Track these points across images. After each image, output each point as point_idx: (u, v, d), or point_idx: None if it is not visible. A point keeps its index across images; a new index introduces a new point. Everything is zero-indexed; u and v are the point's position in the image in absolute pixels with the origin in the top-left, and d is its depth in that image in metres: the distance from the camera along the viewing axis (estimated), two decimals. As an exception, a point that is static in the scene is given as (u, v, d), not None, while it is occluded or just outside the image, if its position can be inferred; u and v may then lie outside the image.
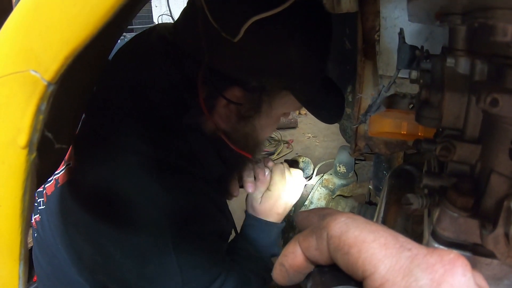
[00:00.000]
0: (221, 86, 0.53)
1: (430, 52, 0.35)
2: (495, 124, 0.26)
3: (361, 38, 0.56)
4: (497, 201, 0.26)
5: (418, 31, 0.50)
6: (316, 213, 0.25)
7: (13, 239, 0.27)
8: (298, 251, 0.22)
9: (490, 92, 0.24)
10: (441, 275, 0.16)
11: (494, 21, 0.25)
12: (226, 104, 0.54)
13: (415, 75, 0.34)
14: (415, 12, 0.38)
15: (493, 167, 0.27)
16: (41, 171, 0.30)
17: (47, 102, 0.26)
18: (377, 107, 0.49)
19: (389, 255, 0.18)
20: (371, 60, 0.59)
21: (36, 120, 0.25)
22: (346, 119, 0.71)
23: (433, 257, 0.17)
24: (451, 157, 0.28)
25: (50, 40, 0.24)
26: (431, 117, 0.30)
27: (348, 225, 0.19)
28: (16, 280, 0.27)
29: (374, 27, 0.55)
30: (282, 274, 0.23)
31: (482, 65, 0.28)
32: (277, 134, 3.16)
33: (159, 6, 3.33)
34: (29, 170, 0.26)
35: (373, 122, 0.55)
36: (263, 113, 0.57)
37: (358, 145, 0.63)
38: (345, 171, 0.90)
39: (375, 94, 0.56)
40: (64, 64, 0.25)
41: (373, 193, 0.86)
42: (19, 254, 0.28)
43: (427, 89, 0.31)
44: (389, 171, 0.65)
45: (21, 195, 0.27)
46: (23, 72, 0.24)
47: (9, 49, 0.25)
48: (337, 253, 0.19)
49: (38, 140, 0.26)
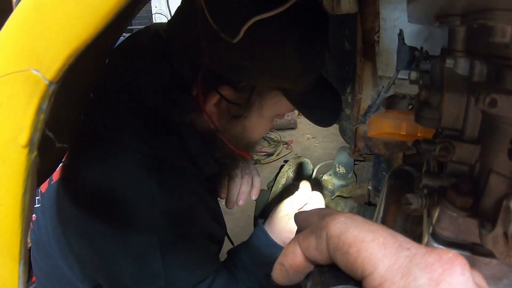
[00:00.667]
0: (212, 83, 0.52)
1: (430, 53, 0.35)
2: (494, 124, 0.26)
3: (361, 39, 0.57)
4: (496, 200, 0.26)
5: (418, 32, 0.50)
6: (316, 213, 0.25)
7: (13, 239, 0.27)
8: (298, 251, 0.22)
9: (489, 92, 0.24)
10: (440, 274, 0.17)
11: (493, 22, 0.25)
12: (217, 103, 0.54)
13: (414, 75, 0.34)
14: (415, 13, 0.38)
15: (492, 167, 0.27)
16: (41, 170, 0.30)
17: (48, 101, 0.26)
18: (377, 107, 0.49)
19: (388, 255, 0.18)
20: (370, 60, 0.59)
21: (37, 119, 0.25)
22: (346, 119, 0.71)
23: (432, 257, 0.17)
24: (450, 157, 0.28)
25: (52, 40, 0.24)
26: (430, 118, 0.30)
27: (347, 225, 0.20)
28: (16, 279, 0.27)
29: (374, 28, 0.55)
30: (282, 273, 0.23)
31: (481, 66, 0.28)
32: (276, 135, 3.16)
33: (159, 6, 3.33)
34: (30, 169, 0.26)
35: (372, 123, 0.55)
36: (254, 114, 0.57)
37: (357, 146, 0.63)
38: (345, 171, 0.90)
39: (374, 94, 0.56)
40: (65, 64, 0.25)
41: (372, 193, 0.86)
42: (19, 254, 0.27)
43: (426, 89, 0.31)
44: (389, 171, 0.65)
45: (21, 194, 0.27)
46: (24, 71, 0.24)
47: (11, 48, 0.25)
48: (336, 253, 0.19)
49: (39, 139, 0.26)
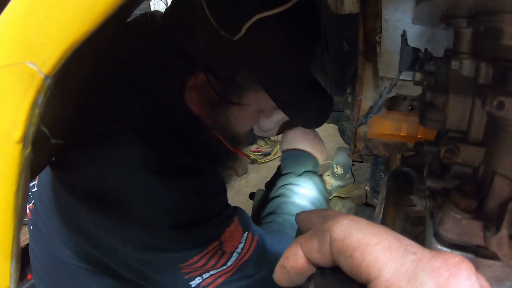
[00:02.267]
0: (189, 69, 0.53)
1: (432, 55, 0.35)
2: (500, 127, 0.26)
3: (362, 39, 0.56)
4: (501, 203, 0.26)
5: (420, 34, 0.50)
6: (318, 214, 0.24)
7: (5, 236, 0.26)
8: (300, 253, 0.21)
9: (497, 95, 0.24)
10: (446, 279, 0.16)
11: (501, 25, 0.25)
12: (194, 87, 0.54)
13: (419, 77, 0.34)
14: (421, 15, 0.37)
15: (496, 169, 0.26)
16: (35, 166, 0.29)
17: (44, 95, 0.25)
18: (378, 108, 0.49)
19: (394, 259, 0.17)
20: (371, 61, 0.59)
21: (32, 113, 0.25)
22: (346, 120, 0.71)
23: (438, 261, 0.17)
24: (455, 159, 0.28)
25: (49, 32, 0.23)
26: (435, 119, 0.30)
27: (351, 228, 0.19)
28: (7, 277, 0.27)
29: (375, 29, 0.55)
30: (283, 276, 0.22)
31: (487, 68, 0.28)
32: (273, 135, 3.16)
33: (158, 4, 3.32)
34: (23, 165, 0.26)
35: (373, 124, 0.55)
36: (235, 105, 0.57)
37: (357, 147, 0.62)
38: (343, 172, 0.90)
39: (376, 95, 0.56)
40: (62, 57, 0.24)
41: (370, 194, 0.86)
42: (11, 252, 0.27)
43: (431, 91, 0.31)
44: (387, 173, 0.65)
45: (14, 191, 0.26)
46: (19, 64, 0.24)
47: (6, 40, 0.24)
48: (340, 256, 0.19)
49: (33, 134, 0.25)
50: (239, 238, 0.56)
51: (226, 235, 0.55)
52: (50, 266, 0.61)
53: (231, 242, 0.55)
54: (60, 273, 0.60)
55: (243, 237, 0.57)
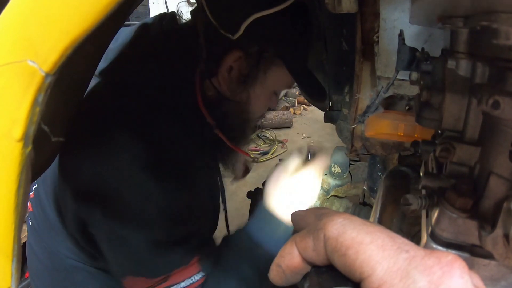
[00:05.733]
0: (225, 48, 0.57)
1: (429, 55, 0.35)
2: (495, 126, 0.27)
3: (360, 39, 0.56)
4: (496, 202, 0.26)
5: (417, 33, 0.50)
6: (313, 213, 0.24)
7: (6, 235, 0.26)
8: (295, 252, 0.21)
9: (492, 94, 0.24)
10: (439, 277, 0.16)
11: (497, 25, 0.25)
12: (229, 68, 0.59)
13: (415, 76, 0.34)
14: (418, 14, 0.38)
15: (492, 169, 0.27)
16: (36, 164, 0.29)
17: (45, 93, 0.25)
18: (376, 107, 0.49)
19: (387, 257, 0.18)
20: (369, 61, 0.59)
21: (33, 112, 0.25)
22: (343, 119, 0.71)
23: (431, 259, 0.17)
24: (450, 159, 0.28)
25: (49, 30, 0.23)
26: (431, 119, 0.30)
27: (345, 226, 0.19)
28: (8, 276, 0.27)
29: (373, 28, 0.55)
30: (279, 274, 0.22)
31: (483, 67, 0.28)
32: (272, 134, 3.16)
33: (156, 2, 3.31)
34: (24, 164, 0.26)
35: (370, 123, 0.55)
36: (258, 82, 0.62)
37: (354, 146, 0.63)
38: (340, 171, 0.90)
39: (373, 95, 0.56)
40: (63, 56, 0.24)
41: (367, 194, 0.87)
42: (12, 251, 0.27)
43: (427, 90, 0.31)
44: (384, 172, 0.66)
45: (15, 190, 0.26)
46: (20, 62, 0.24)
47: (7, 38, 0.24)
48: (334, 255, 0.19)
49: (34, 132, 0.25)
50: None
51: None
52: (49, 261, 0.61)
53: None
54: (58, 269, 0.60)
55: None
